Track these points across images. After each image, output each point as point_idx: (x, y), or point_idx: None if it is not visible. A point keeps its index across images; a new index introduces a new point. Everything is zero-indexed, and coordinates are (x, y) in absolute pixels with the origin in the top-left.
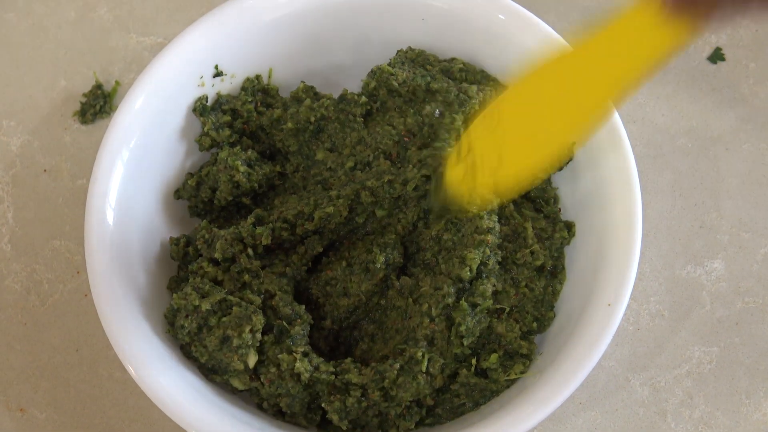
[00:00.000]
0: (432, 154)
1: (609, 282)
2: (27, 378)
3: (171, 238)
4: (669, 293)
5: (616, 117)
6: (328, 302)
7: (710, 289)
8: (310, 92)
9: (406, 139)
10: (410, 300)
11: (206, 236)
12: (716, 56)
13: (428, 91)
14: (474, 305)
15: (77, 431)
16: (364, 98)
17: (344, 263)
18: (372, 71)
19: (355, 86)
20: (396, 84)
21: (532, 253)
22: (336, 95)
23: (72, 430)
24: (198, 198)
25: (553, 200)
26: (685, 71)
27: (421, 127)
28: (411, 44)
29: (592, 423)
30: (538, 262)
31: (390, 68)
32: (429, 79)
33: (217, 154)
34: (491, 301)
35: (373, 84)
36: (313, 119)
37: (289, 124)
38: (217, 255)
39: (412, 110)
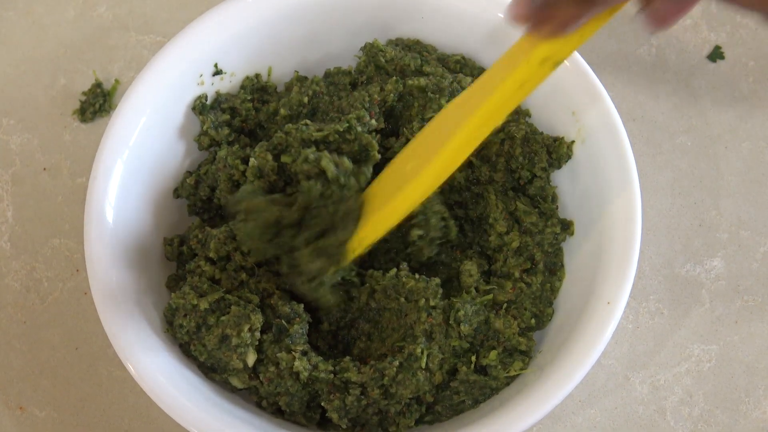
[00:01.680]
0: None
1: (608, 280)
2: (26, 376)
3: (165, 238)
4: (668, 291)
5: (616, 115)
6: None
7: (710, 287)
8: (303, 80)
9: (377, 107)
10: (402, 299)
11: (199, 236)
12: (716, 54)
13: (419, 72)
14: (467, 292)
15: (77, 429)
16: (350, 66)
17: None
18: (364, 46)
19: None
20: (383, 60)
21: (500, 234)
22: None
23: (71, 428)
24: (197, 196)
25: (551, 198)
26: (684, 69)
27: (401, 97)
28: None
29: (591, 421)
30: (514, 244)
31: (380, 44)
32: (420, 61)
33: (216, 153)
34: (483, 284)
35: (364, 58)
36: (306, 100)
37: (283, 111)
38: (211, 254)
39: (393, 79)
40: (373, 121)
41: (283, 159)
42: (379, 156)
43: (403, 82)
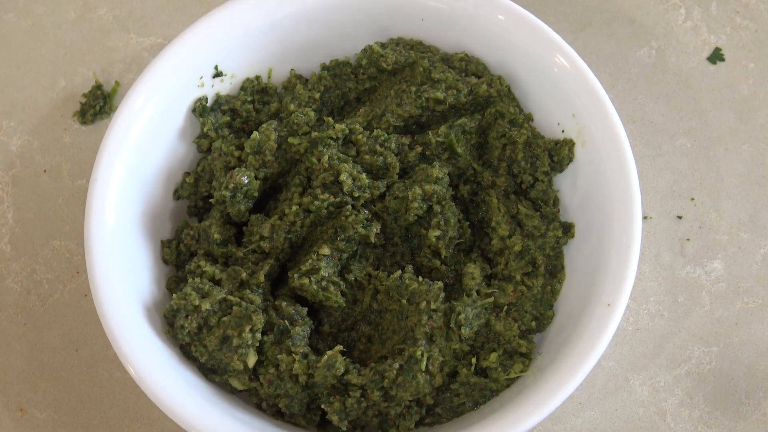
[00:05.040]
0: None
1: (609, 282)
2: (27, 378)
3: (162, 241)
4: (668, 293)
5: (616, 117)
6: (323, 309)
7: (710, 289)
8: (302, 79)
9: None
10: (404, 301)
11: (191, 232)
12: (716, 57)
13: (427, 77)
14: (469, 295)
15: (77, 431)
16: (348, 57)
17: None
18: (364, 49)
19: None
20: (384, 65)
21: (502, 238)
22: None
23: (72, 429)
24: (197, 195)
25: (552, 202)
26: (684, 71)
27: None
28: None
29: (591, 423)
30: (517, 248)
31: (379, 49)
32: (428, 63)
33: (211, 145)
34: (480, 283)
35: (365, 61)
36: (317, 96)
37: (291, 107)
38: (216, 237)
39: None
40: (404, 139)
41: (291, 140)
42: (397, 177)
43: (426, 97)
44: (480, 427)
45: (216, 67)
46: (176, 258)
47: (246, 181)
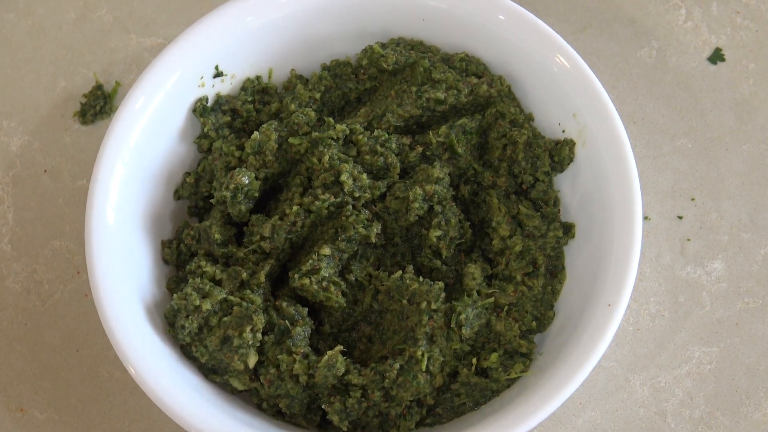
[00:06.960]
0: None
1: (609, 282)
2: (27, 378)
3: (162, 241)
4: (669, 294)
5: (617, 117)
6: (324, 309)
7: (710, 289)
8: (302, 79)
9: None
10: (404, 301)
11: (192, 232)
12: (716, 57)
13: (429, 77)
14: (470, 296)
15: (77, 431)
16: (348, 57)
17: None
18: (364, 49)
19: None
20: (385, 65)
21: (503, 238)
22: None
23: (72, 430)
24: (198, 195)
25: (553, 202)
26: (685, 72)
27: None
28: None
29: (592, 423)
30: (517, 248)
31: (380, 49)
32: (428, 63)
33: (212, 145)
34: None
35: (366, 62)
36: (318, 96)
37: (292, 107)
38: (216, 237)
39: (414, 89)
40: (405, 140)
41: (291, 141)
42: (398, 177)
43: (426, 97)
44: (481, 428)
45: (216, 67)
46: (177, 258)
47: (246, 182)
